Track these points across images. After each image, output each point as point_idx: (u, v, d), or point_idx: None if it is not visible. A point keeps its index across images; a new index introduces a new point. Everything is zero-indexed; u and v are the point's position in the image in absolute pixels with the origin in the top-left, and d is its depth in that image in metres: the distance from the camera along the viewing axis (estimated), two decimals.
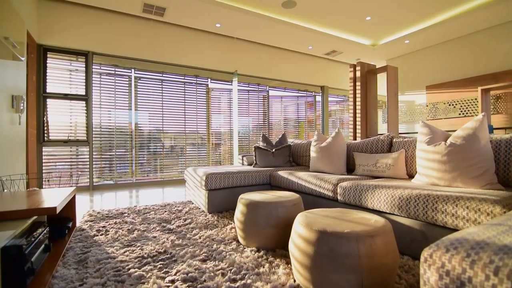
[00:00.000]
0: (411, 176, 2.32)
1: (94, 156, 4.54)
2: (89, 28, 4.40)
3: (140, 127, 5.05)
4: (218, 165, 5.91)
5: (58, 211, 1.65)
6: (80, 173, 2.91)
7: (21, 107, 3.11)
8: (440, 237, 1.54)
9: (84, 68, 4.45)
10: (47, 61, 4.20)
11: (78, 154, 4.47)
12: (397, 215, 1.76)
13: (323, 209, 1.63)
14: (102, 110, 4.63)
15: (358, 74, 3.89)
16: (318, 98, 7.15)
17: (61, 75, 4.34)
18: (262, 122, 6.42)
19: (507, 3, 4.20)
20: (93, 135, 4.52)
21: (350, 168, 2.86)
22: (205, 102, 5.64)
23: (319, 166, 2.86)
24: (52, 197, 1.89)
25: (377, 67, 7.62)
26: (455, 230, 1.47)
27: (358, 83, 3.85)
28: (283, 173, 2.91)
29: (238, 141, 5.96)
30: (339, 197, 2.18)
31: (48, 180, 4.31)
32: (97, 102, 4.58)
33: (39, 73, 4.11)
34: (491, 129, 2.79)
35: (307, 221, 1.39)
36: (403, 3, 4.37)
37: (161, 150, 5.25)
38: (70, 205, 2.35)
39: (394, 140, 2.55)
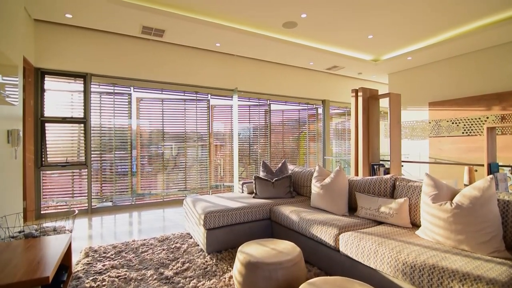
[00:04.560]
0: (414, 224, 2.26)
1: (93, 176, 4.50)
2: (87, 50, 4.34)
3: (140, 138, 5.01)
4: (219, 188, 5.87)
5: (51, 279, 1.60)
6: (77, 211, 2.87)
7: (17, 140, 3.05)
8: None
9: (82, 91, 4.40)
10: (45, 85, 4.15)
11: (76, 177, 4.44)
12: (401, 279, 1.70)
13: (325, 278, 1.57)
14: (102, 126, 4.59)
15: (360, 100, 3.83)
16: (320, 110, 7.08)
17: (59, 98, 4.29)
18: (264, 133, 6.37)
19: None
20: (92, 156, 4.48)
21: (352, 207, 2.80)
22: (205, 117, 5.59)
23: (320, 204, 2.80)
24: (47, 255, 1.83)
25: (379, 80, 7.58)
26: None
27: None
28: (283, 210, 2.84)
29: (239, 151, 5.91)
30: (340, 249, 2.12)
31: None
32: (96, 120, 4.53)
33: (36, 97, 4.05)
34: (496, 167, 2.72)
35: None
36: (406, 22, 4.28)
37: (161, 164, 5.21)
38: (67, 252, 2.30)
39: (398, 183, 2.49)
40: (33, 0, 3.44)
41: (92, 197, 4.48)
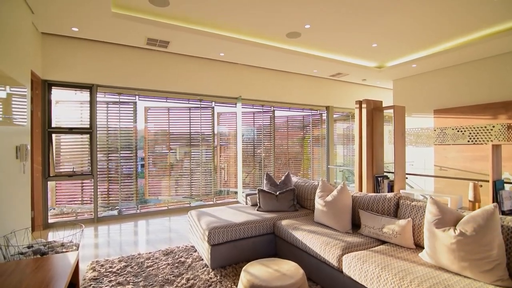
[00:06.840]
0: (418, 245, 2.26)
1: (99, 179, 4.57)
2: (92, 62, 4.40)
3: (148, 145, 5.07)
4: (223, 193, 5.91)
5: None
6: (83, 226, 2.92)
7: (25, 154, 3.11)
8: None
9: (88, 101, 4.46)
10: (52, 96, 4.21)
11: (84, 183, 4.52)
12: None
13: None
14: (108, 134, 4.66)
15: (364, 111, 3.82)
16: (324, 115, 7.07)
17: (66, 109, 4.36)
18: (268, 138, 6.39)
19: None
20: (98, 163, 4.54)
21: (356, 223, 2.80)
22: (210, 124, 5.63)
23: (324, 220, 2.82)
24: (55, 276, 1.88)
25: (384, 86, 7.53)
26: None
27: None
28: (287, 226, 2.86)
29: (243, 157, 5.95)
30: (344, 270, 2.13)
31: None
32: (102, 129, 4.61)
33: (43, 108, 4.12)
34: (502, 184, 2.70)
35: None
36: (410, 30, 4.25)
37: (167, 170, 5.28)
38: (74, 271, 2.34)
39: (401, 201, 2.49)
40: (40, 15, 3.50)
41: (99, 204, 4.56)
